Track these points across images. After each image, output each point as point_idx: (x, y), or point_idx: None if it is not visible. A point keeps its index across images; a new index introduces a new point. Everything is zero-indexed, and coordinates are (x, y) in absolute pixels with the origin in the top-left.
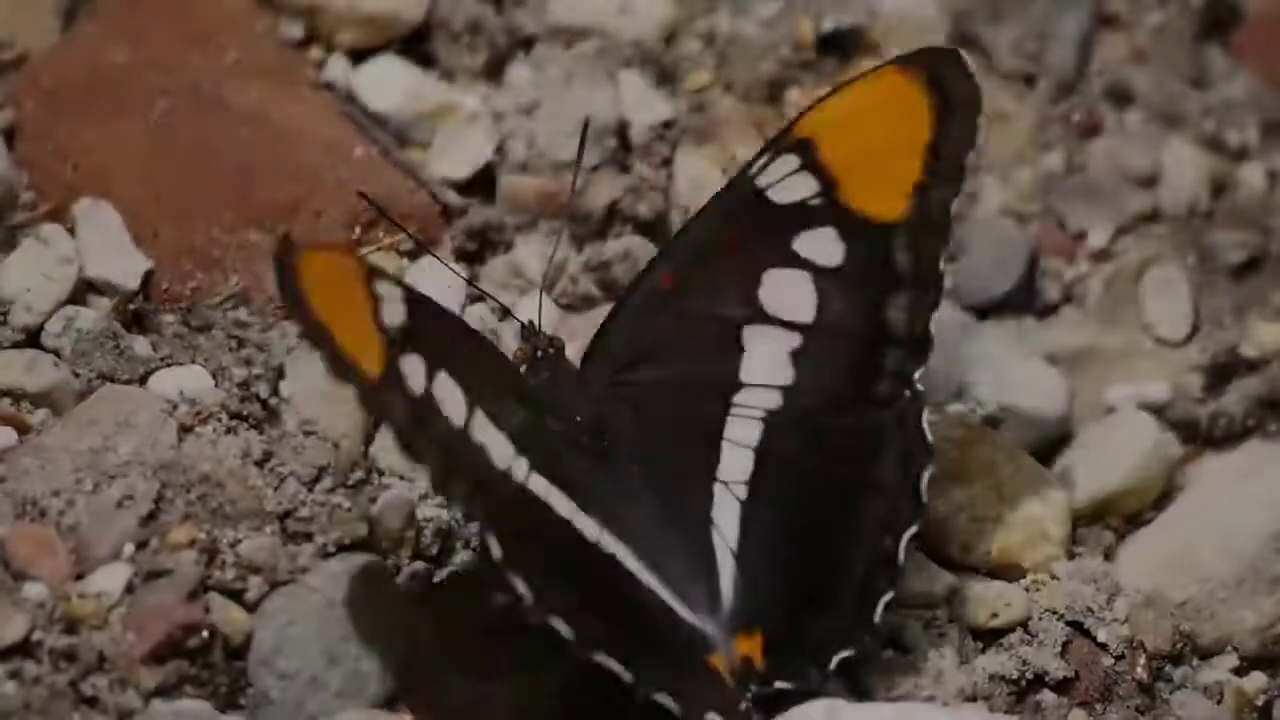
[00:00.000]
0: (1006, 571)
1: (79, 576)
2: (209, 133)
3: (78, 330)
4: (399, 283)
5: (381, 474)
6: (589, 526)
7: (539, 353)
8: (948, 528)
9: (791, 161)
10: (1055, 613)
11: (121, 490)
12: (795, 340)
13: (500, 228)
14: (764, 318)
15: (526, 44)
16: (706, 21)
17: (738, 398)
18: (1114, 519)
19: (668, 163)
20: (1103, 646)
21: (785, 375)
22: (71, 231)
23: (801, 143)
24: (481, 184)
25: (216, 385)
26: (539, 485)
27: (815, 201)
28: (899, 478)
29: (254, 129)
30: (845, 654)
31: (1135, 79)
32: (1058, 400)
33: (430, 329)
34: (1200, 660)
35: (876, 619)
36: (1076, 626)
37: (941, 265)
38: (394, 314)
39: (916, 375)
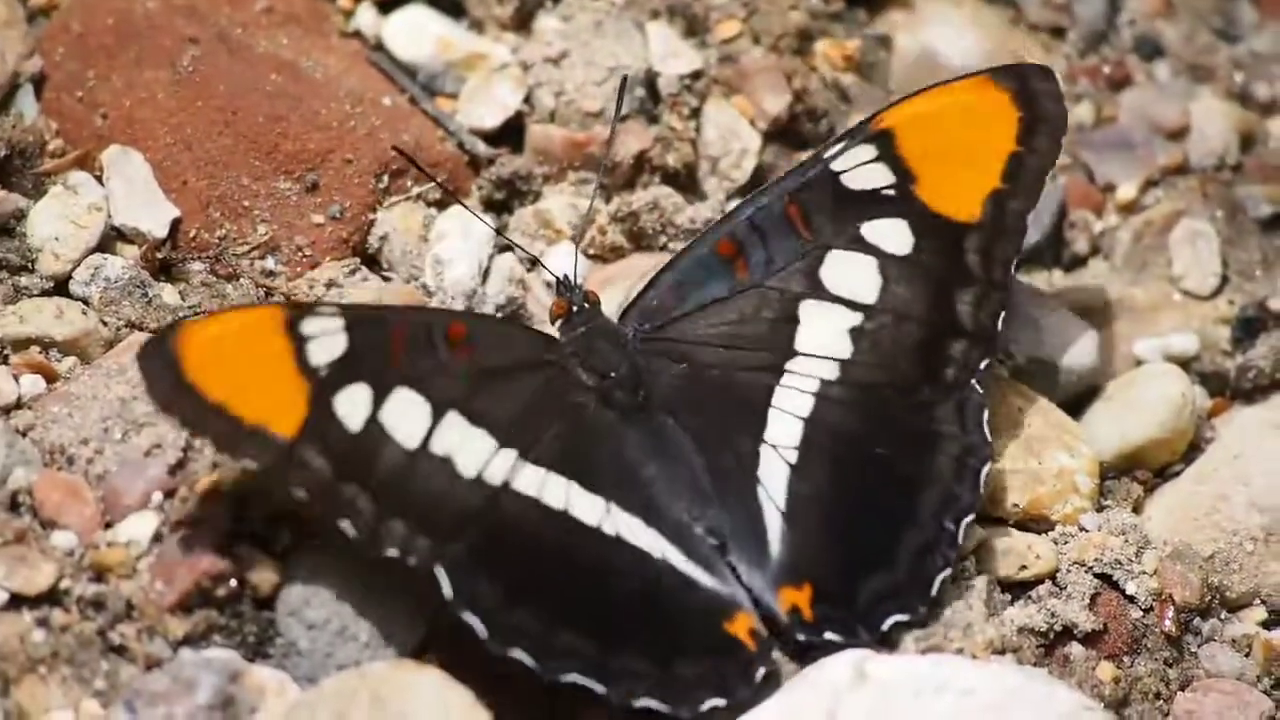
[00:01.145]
0: (1035, 524)
1: (107, 525)
2: (238, 81)
3: (106, 278)
4: (339, 309)
5: None
6: (590, 510)
7: (574, 307)
8: None
9: (868, 151)
10: (1084, 565)
11: (150, 439)
12: (856, 318)
13: (528, 178)
14: (824, 294)
15: None
16: None
17: (791, 365)
18: (1142, 471)
19: (696, 113)
20: (1131, 599)
21: (843, 349)
22: (100, 179)
23: (881, 135)
24: (510, 134)
25: None
26: (527, 478)
27: (889, 192)
28: (957, 469)
29: (283, 77)
30: (900, 619)
31: (1164, 31)
32: (1086, 352)
33: (381, 343)
34: (1229, 613)
35: (933, 592)
36: (1105, 579)
37: (1012, 270)
38: (329, 349)
39: (982, 366)
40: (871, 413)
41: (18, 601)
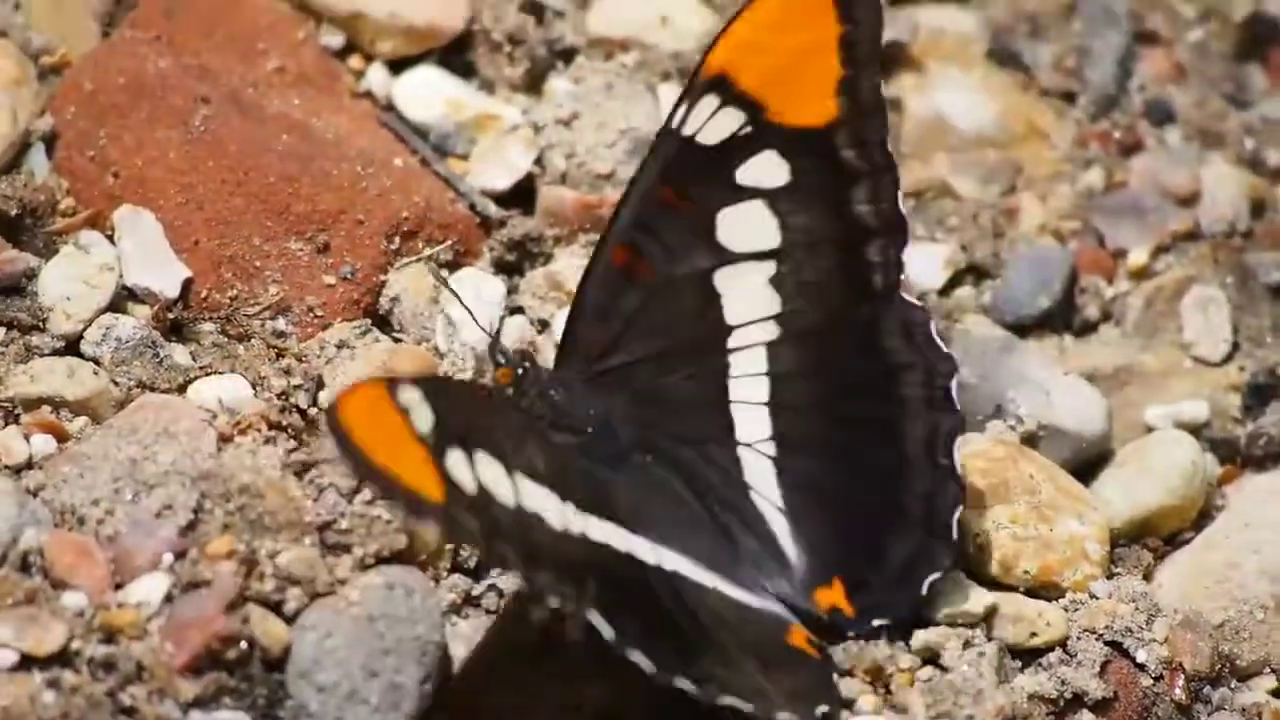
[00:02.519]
0: (1046, 590)
1: (118, 586)
2: (249, 141)
3: (117, 338)
4: (412, 380)
5: None
6: (646, 550)
7: (519, 371)
8: (987, 546)
9: (711, 102)
10: (1094, 632)
11: (161, 500)
12: (770, 267)
13: (539, 239)
14: (730, 257)
15: (566, 56)
16: None
17: (731, 341)
18: (1152, 539)
19: None
20: (1141, 667)
21: (772, 304)
22: (111, 239)
23: (716, 81)
24: (521, 195)
25: (256, 395)
26: (594, 527)
27: (746, 130)
28: (928, 395)
29: (294, 137)
30: (934, 576)
31: (1175, 97)
32: (1097, 419)
33: (451, 408)
34: (1239, 682)
35: (954, 532)
36: (1115, 646)
37: (889, 146)
38: (423, 418)
39: (904, 257)
40: (826, 369)
41: (28, 662)
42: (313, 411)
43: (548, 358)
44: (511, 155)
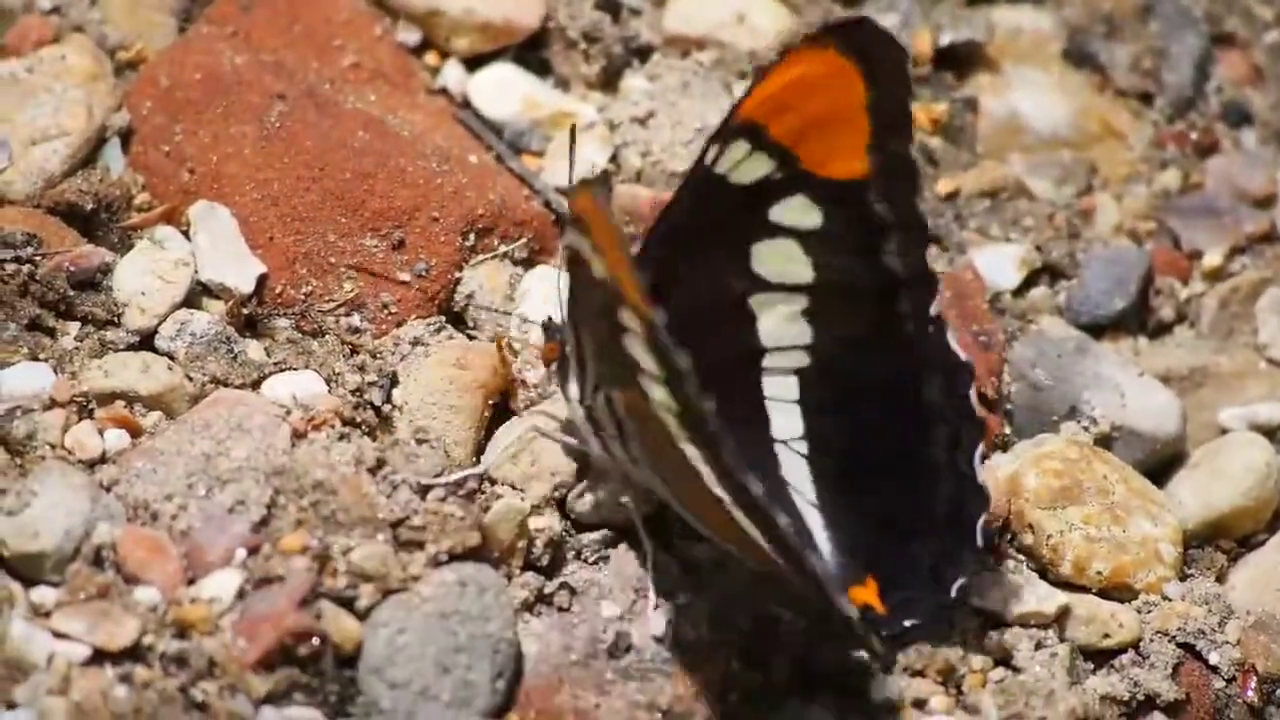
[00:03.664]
0: (1118, 592)
1: (190, 581)
2: (325, 137)
3: (191, 334)
4: None
5: (494, 483)
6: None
7: (567, 347)
8: (1060, 547)
9: (742, 147)
10: (1166, 634)
11: (234, 495)
12: (803, 301)
13: None
14: (765, 286)
15: (642, 54)
16: None
17: (766, 361)
18: (1226, 540)
19: None
20: (1214, 669)
21: (804, 335)
22: (186, 234)
23: (748, 128)
24: None
25: (330, 391)
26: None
27: (777, 176)
28: (950, 401)
29: (370, 134)
30: (962, 580)
31: (1253, 99)
32: (1171, 420)
33: None
34: None
35: (978, 540)
36: (1188, 648)
37: (919, 205)
38: None
39: (933, 308)
40: (855, 380)
41: (100, 657)
42: (386, 408)
43: None
44: (587, 153)
